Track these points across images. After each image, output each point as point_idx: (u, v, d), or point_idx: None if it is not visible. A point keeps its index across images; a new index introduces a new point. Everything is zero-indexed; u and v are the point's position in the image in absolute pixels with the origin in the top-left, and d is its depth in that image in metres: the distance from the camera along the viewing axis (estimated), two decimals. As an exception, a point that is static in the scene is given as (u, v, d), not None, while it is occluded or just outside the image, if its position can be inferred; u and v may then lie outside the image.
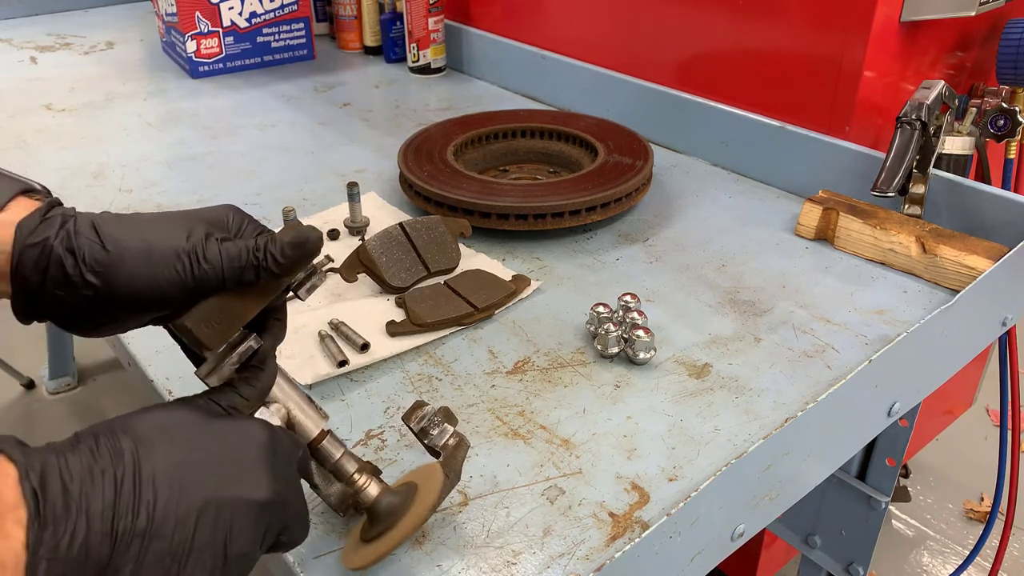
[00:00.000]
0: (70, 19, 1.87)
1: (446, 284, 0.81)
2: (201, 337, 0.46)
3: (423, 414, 0.54)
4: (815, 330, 0.76)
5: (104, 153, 1.16)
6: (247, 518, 0.42)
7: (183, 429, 0.42)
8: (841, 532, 1.01)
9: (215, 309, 0.46)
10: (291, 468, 0.46)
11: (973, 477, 1.77)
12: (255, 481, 0.42)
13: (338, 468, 0.52)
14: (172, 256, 0.44)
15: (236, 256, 0.45)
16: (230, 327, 0.47)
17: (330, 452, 0.52)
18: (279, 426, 0.48)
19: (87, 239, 0.43)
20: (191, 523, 0.39)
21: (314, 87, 1.43)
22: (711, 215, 0.97)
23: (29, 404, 2.03)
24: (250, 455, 0.43)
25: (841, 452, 0.71)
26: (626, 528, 0.55)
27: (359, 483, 0.52)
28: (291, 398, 0.51)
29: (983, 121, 1.01)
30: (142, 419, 0.42)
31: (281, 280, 0.48)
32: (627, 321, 0.72)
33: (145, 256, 0.44)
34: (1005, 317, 0.84)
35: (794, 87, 1.03)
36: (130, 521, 0.38)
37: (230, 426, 0.44)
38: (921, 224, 0.86)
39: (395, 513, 0.51)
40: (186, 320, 0.46)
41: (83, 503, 0.37)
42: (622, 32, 1.24)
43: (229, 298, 0.46)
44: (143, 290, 0.44)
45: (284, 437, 0.47)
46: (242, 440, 0.44)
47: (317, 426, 0.51)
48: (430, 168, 0.98)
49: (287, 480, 0.45)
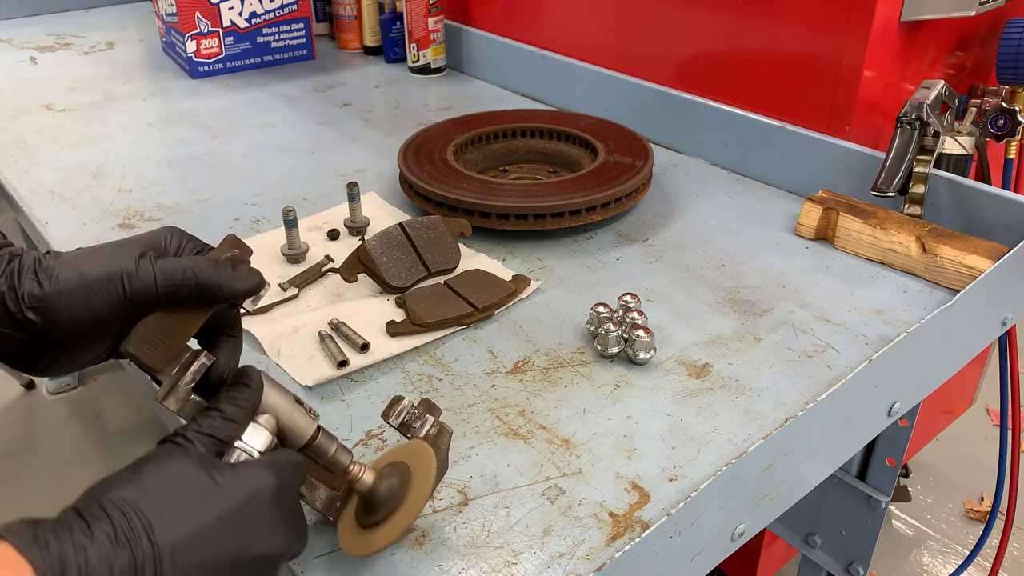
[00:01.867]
0: (70, 19, 1.87)
1: (446, 284, 0.81)
2: (145, 360, 0.46)
3: (401, 408, 0.54)
4: (815, 330, 0.76)
5: (104, 153, 1.16)
6: (266, 570, 0.42)
7: (190, 495, 0.41)
8: (841, 532, 1.01)
9: (154, 329, 0.46)
10: (296, 500, 0.46)
11: (973, 477, 1.77)
12: (272, 538, 0.43)
13: (334, 462, 0.51)
14: (105, 280, 0.45)
15: (170, 274, 0.46)
16: (172, 346, 0.47)
17: (325, 448, 0.51)
18: (276, 455, 0.47)
19: (28, 277, 0.44)
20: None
21: (314, 87, 1.43)
22: (711, 215, 0.97)
23: (29, 404, 2.03)
24: (263, 513, 0.43)
25: (841, 452, 0.71)
26: (626, 528, 0.55)
27: (353, 472, 0.51)
28: (280, 405, 0.50)
29: (983, 121, 1.00)
30: (148, 486, 0.40)
31: (221, 300, 0.48)
32: (627, 321, 0.72)
33: (79, 284, 0.44)
34: (1005, 317, 0.84)
35: (794, 87, 1.03)
36: None
37: (237, 482, 0.42)
38: (921, 224, 0.86)
39: (396, 496, 0.51)
40: (127, 345, 0.46)
41: None
42: (622, 32, 1.24)
43: (167, 317, 0.46)
44: (81, 317, 0.45)
45: (288, 473, 0.46)
46: (251, 496, 0.42)
47: (310, 428, 0.50)
48: (430, 168, 0.98)
49: (295, 516, 0.45)
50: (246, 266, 0.50)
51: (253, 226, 0.96)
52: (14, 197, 1.04)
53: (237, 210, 1.00)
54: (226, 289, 0.47)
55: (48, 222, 0.97)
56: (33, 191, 1.05)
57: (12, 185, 1.07)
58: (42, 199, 1.02)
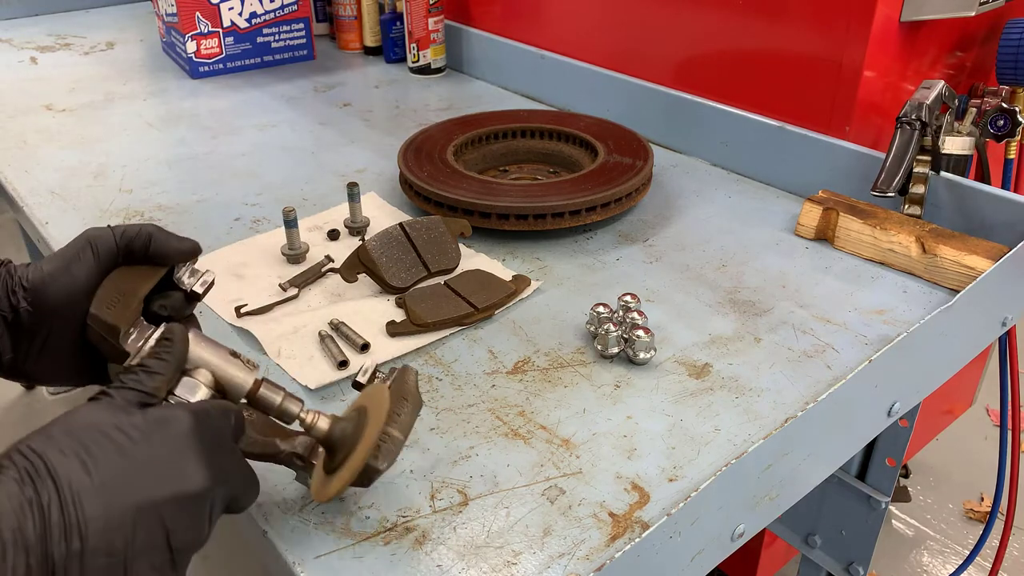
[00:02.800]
0: (70, 19, 1.87)
1: (446, 284, 0.81)
2: (106, 317, 0.51)
3: (365, 367, 0.58)
4: (815, 330, 0.76)
5: (104, 153, 1.16)
6: (186, 511, 0.42)
7: (100, 435, 0.41)
8: (841, 532, 1.01)
9: (111, 291, 0.52)
10: (224, 443, 0.46)
11: (973, 477, 1.77)
12: (187, 473, 0.42)
13: (283, 411, 0.52)
14: (78, 251, 0.53)
15: (123, 231, 0.54)
16: (128, 303, 0.52)
17: (270, 399, 0.51)
18: (202, 401, 0.48)
19: (21, 269, 0.53)
20: (127, 532, 0.39)
21: (314, 87, 1.43)
22: (711, 215, 0.97)
23: (29, 404, 2.03)
24: (177, 447, 0.43)
25: (841, 452, 0.71)
26: (626, 528, 0.55)
27: (308, 420, 0.52)
28: (213, 359, 0.50)
29: (983, 121, 1.00)
30: (56, 433, 0.41)
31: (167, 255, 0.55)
32: (627, 321, 0.73)
33: (61, 264, 0.53)
34: (1005, 317, 0.84)
35: (794, 87, 1.03)
36: (64, 547, 0.37)
37: (150, 421, 0.43)
38: (921, 224, 0.86)
39: (350, 438, 0.51)
40: (92, 308, 0.51)
41: (17, 540, 0.36)
42: (622, 32, 1.24)
43: (122, 280, 0.53)
44: (67, 289, 0.52)
45: (211, 412, 0.46)
46: (165, 433, 0.43)
47: (248, 379, 0.51)
48: (430, 168, 0.98)
49: (222, 457, 0.45)
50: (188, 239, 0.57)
51: (253, 226, 0.96)
52: (14, 197, 1.04)
53: (237, 210, 1.00)
54: (171, 242, 0.55)
55: (48, 222, 0.97)
56: (33, 191, 1.05)
57: (12, 185, 1.07)
58: (42, 199, 1.03)
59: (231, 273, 0.85)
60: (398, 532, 0.56)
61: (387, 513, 0.57)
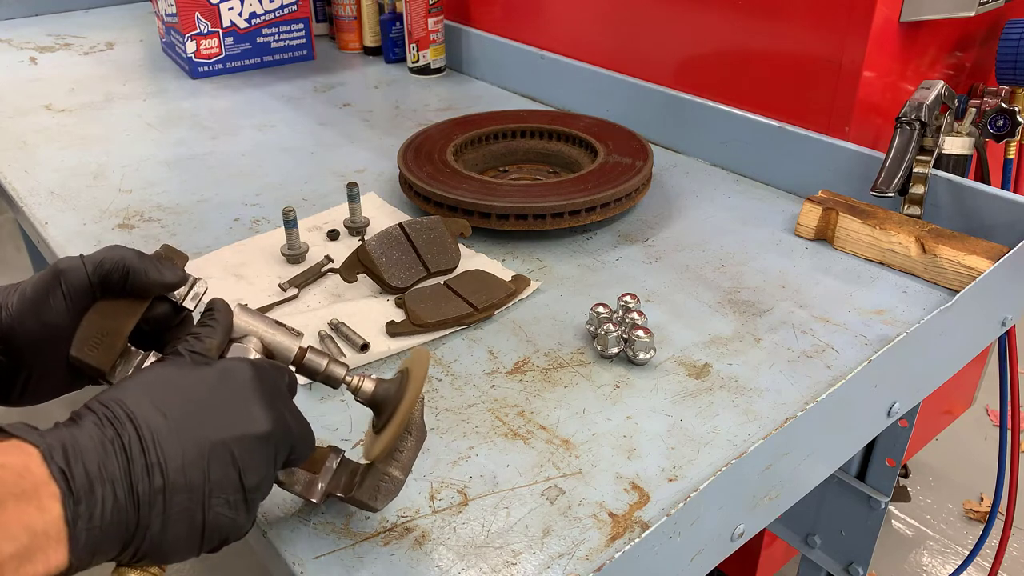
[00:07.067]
0: (70, 19, 1.87)
1: (446, 284, 0.81)
2: (87, 360, 0.49)
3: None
4: (815, 330, 0.76)
5: (104, 153, 1.16)
6: (255, 451, 0.45)
7: (171, 385, 0.45)
8: (841, 532, 1.01)
9: (91, 330, 0.50)
10: (282, 394, 0.49)
11: (973, 477, 1.77)
12: (253, 416, 0.45)
13: (329, 375, 0.54)
14: (45, 289, 0.49)
15: (97, 260, 0.50)
16: (112, 344, 0.50)
17: (316, 363, 0.54)
18: (258, 358, 0.50)
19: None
20: (203, 468, 0.42)
21: (314, 87, 1.43)
22: (711, 215, 0.97)
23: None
24: (241, 393, 0.46)
25: (841, 452, 0.71)
26: (626, 528, 0.55)
27: (354, 383, 0.54)
28: (260, 327, 0.52)
29: (983, 121, 1.00)
30: (129, 385, 0.44)
31: (147, 288, 0.51)
32: (627, 321, 0.73)
33: (29, 304, 0.49)
34: (1005, 317, 0.84)
35: (794, 87, 1.03)
36: (147, 483, 0.40)
37: (213, 371, 0.46)
38: (921, 224, 0.86)
39: (393, 398, 0.53)
40: (73, 351, 0.49)
41: (103, 475, 0.39)
42: (622, 32, 1.24)
43: (103, 316, 0.50)
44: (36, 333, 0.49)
45: (267, 367, 0.49)
46: (229, 381, 0.46)
47: (295, 344, 0.53)
48: (430, 168, 0.98)
49: (281, 407, 0.48)
50: (171, 262, 0.53)
51: (253, 226, 0.96)
52: (14, 197, 1.04)
53: (237, 210, 1.00)
54: (151, 275, 0.51)
55: (48, 222, 0.97)
56: (33, 191, 1.05)
57: (12, 185, 1.07)
58: (42, 199, 1.03)
59: (231, 273, 0.85)
60: (398, 532, 0.56)
61: (387, 513, 0.57)
